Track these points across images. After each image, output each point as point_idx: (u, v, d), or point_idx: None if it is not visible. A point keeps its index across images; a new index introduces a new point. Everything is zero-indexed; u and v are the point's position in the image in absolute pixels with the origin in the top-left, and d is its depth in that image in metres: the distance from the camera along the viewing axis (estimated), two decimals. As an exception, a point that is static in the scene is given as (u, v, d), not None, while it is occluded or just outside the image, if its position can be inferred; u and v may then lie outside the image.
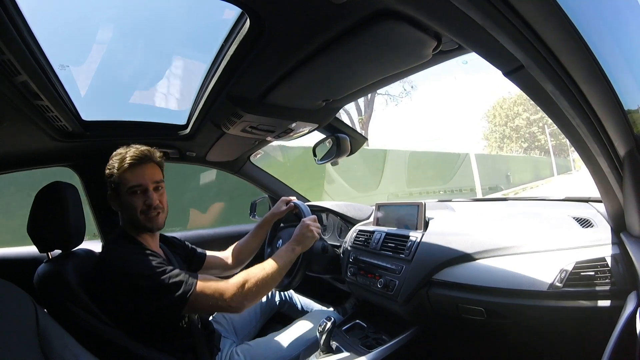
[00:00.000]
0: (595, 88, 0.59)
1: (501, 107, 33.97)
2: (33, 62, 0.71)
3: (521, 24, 0.49)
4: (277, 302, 1.55)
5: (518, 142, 33.65)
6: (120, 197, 0.95)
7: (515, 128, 33.25)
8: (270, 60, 0.81)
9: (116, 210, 0.99)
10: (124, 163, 0.93)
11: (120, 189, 0.94)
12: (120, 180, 0.94)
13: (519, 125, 32.85)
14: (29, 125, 0.97)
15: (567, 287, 0.86)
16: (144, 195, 0.95)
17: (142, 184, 0.95)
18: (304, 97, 1.06)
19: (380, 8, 0.61)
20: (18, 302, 0.66)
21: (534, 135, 32.76)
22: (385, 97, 18.05)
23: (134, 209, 0.94)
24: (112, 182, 0.95)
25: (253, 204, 2.05)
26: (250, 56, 0.79)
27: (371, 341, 1.26)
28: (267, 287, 0.97)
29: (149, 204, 0.95)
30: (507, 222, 1.23)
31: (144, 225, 0.96)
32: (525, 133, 33.07)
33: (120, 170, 0.93)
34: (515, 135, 33.61)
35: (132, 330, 0.85)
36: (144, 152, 0.95)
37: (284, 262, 1.03)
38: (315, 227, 1.14)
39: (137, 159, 0.94)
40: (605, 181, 0.77)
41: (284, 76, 0.88)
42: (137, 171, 0.94)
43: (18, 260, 1.41)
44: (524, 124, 32.46)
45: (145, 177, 0.95)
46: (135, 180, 0.94)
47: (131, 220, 0.96)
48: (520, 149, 33.26)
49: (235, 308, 0.90)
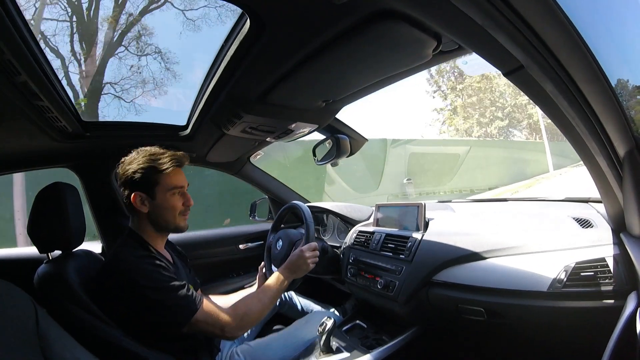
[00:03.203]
0: (595, 88, 0.60)
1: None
2: (33, 62, 0.70)
3: (521, 24, 0.49)
4: (277, 303, 1.55)
5: (487, 116, 18.96)
6: (156, 197, 0.95)
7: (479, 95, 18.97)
8: (271, 60, 0.81)
9: (143, 212, 0.96)
10: (168, 165, 0.94)
11: (157, 189, 0.95)
12: (161, 180, 0.95)
13: (493, 88, 18.94)
14: (28, 126, 0.97)
15: (567, 287, 0.86)
16: (183, 197, 0.99)
17: (184, 185, 1.00)
18: (304, 97, 1.06)
19: (380, 8, 0.61)
20: (18, 302, 0.66)
21: (521, 108, 19.10)
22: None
23: (174, 209, 0.97)
24: (148, 182, 0.94)
25: (253, 204, 2.05)
26: (251, 56, 0.79)
27: (371, 341, 1.26)
28: (261, 317, 1.04)
29: (189, 205, 1.00)
30: (507, 223, 1.23)
31: (178, 224, 0.99)
32: (504, 103, 19.40)
33: (165, 171, 0.94)
34: (481, 105, 19.04)
35: (133, 332, 0.86)
36: (183, 157, 0.99)
37: (278, 291, 1.08)
38: (313, 258, 1.17)
39: (180, 162, 0.98)
40: (605, 181, 0.78)
41: (284, 76, 0.88)
42: (179, 173, 0.99)
43: (18, 261, 1.41)
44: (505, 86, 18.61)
45: (184, 179, 1.00)
46: (178, 182, 0.98)
47: (164, 221, 0.98)
48: (497, 131, 19.03)
49: (230, 338, 0.97)
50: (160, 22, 8.30)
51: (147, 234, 0.98)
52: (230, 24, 0.77)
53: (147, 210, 0.96)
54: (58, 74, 0.85)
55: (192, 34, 8.83)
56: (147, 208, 0.96)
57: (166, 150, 0.98)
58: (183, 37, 9.56)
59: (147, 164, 0.94)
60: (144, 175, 0.94)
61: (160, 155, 0.96)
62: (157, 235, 1.00)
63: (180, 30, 8.83)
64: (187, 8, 8.14)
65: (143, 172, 0.94)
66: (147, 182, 0.94)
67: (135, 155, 0.96)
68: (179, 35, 9.67)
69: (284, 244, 1.38)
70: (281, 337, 1.24)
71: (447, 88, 19.90)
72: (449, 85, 19.70)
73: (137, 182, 0.94)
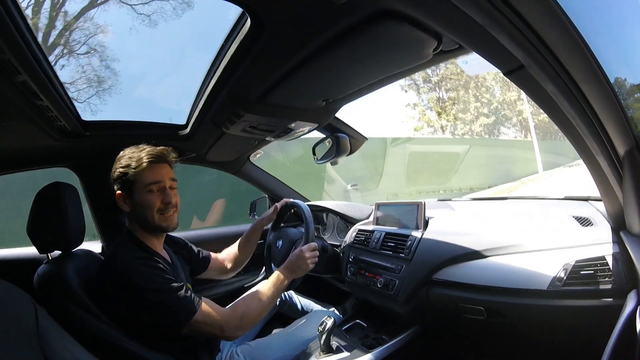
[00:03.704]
0: (595, 88, 0.60)
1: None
2: (33, 62, 0.70)
3: (521, 23, 0.49)
4: (277, 303, 1.55)
5: (472, 113, 17.51)
6: (133, 196, 0.94)
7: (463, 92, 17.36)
8: (271, 60, 0.81)
9: (126, 211, 0.97)
10: (143, 161, 0.92)
11: (135, 187, 0.93)
12: (136, 178, 0.93)
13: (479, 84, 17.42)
14: (28, 125, 0.97)
15: (567, 286, 0.86)
16: (161, 194, 0.95)
17: (161, 180, 0.95)
18: (304, 96, 1.06)
19: (380, 8, 0.61)
20: (18, 302, 0.66)
21: (510, 104, 17.95)
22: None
23: (151, 207, 0.93)
24: (126, 181, 0.93)
25: (253, 203, 2.05)
26: (251, 56, 0.79)
27: (371, 341, 1.26)
28: (260, 317, 1.03)
29: (167, 202, 0.95)
30: (507, 221, 1.24)
31: (159, 224, 0.95)
32: (491, 99, 18.04)
33: (138, 168, 0.92)
34: (462, 101, 17.52)
35: (133, 332, 0.86)
36: (162, 151, 0.96)
37: (278, 291, 1.07)
38: (312, 258, 1.16)
39: (156, 158, 0.94)
40: (605, 180, 0.78)
41: (284, 76, 0.87)
42: (155, 169, 0.94)
43: (18, 261, 1.41)
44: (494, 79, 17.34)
45: (163, 175, 0.96)
46: (154, 177, 0.94)
47: (145, 220, 0.95)
48: (482, 128, 17.49)
49: (229, 338, 0.96)
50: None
51: (140, 233, 0.97)
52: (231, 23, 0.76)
53: (129, 210, 0.96)
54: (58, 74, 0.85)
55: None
56: (129, 207, 0.95)
57: (153, 147, 0.97)
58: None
59: (126, 162, 0.94)
60: (122, 173, 0.93)
61: (139, 152, 0.94)
62: (149, 235, 0.99)
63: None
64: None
65: (122, 171, 0.93)
66: (126, 180, 0.93)
67: (122, 154, 0.96)
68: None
69: (284, 243, 1.38)
70: (281, 336, 1.24)
71: (422, 80, 17.86)
72: (423, 77, 17.65)
73: (118, 180, 0.94)
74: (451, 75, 17.65)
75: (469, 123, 18.10)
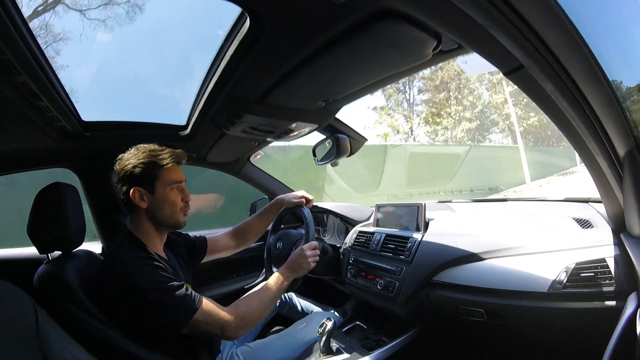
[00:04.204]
0: (595, 88, 0.60)
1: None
2: (33, 62, 0.70)
3: (521, 23, 0.49)
4: (278, 304, 1.55)
5: (454, 117, 16.56)
6: (155, 192, 0.95)
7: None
8: (271, 60, 0.81)
9: (142, 207, 0.95)
10: (168, 160, 0.95)
11: (156, 184, 0.95)
12: (160, 175, 0.95)
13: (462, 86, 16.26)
14: (28, 126, 0.97)
15: (567, 288, 0.85)
16: (182, 192, 1.00)
17: (182, 180, 1.00)
18: (304, 97, 1.06)
19: (380, 7, 0.61)
20: (18, 303, 0.66)
21: (497, 108, 16.76)
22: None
23: (174, 204, 0.98)
24: (147, 177, 0.94)
25: (253, 204, 2.05)
26: (250, 56, 0.79)
27: (371, 342, 1.25)
28: (262, 317, 1.02)
29: (187, 200, 1.01)
30: (507, 223, 1.23)
31: (177, 220, 1.00)
32: (475, 101, 16.92)
33: (164, 166, 0.95)
34: (438, 103, 16.53)
35: (133, 332, 0.85)
36: (181, 154, 1.00)
37: (279, 291, 1.07)
38: (313, 257, 1.15)
39: (178, 159, 0.98)
40: (605, 181, 0.77)
41: (284, 76, 0.88)
42: (177, 169, 1.00)
43: (18, 261, 1.41)
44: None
45: (181, 175, 1.01)
46: (177, 177, 0.98)
47: (165, 216, 0.97)
48: (465, 134, 16.58)
49: (230, 337, 0.95)
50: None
51: (146, 232, 0.97)
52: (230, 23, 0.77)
53: (146, 206, 0.96)
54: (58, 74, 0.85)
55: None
56: (146, 203, 0.96)
57: (165, 147, 0.99)
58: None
59: (147, 159, 0.94)
60: (145, 169, 0.94)
61: (160, 151, 0.96)
62: (155, 233, 0.99)
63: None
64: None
65: (143, 167, 0.94)
66: (148, 176, 0.94)
67: (134, 152, 0.96)
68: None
69: (284, 244, 1.38)
70: (281, 338, 1.24)
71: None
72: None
73: (136, 176, 0.94)
74: (424, 76, 16.86)
75: (449, 128, 17.08)
